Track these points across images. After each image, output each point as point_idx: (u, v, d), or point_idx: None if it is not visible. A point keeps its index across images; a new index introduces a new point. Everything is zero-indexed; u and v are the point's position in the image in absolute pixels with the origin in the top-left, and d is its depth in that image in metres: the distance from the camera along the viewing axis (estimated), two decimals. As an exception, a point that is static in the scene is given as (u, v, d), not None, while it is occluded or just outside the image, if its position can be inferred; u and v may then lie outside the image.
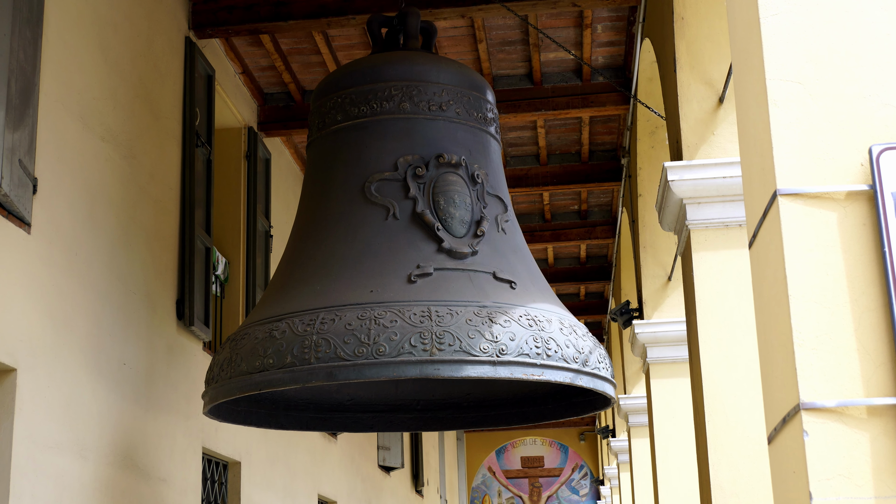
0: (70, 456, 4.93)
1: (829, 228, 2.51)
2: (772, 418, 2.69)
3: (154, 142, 6.10)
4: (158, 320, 6.01)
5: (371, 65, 4.90)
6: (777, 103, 2.58)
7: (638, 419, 10.32)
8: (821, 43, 2.60)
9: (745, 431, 4.79)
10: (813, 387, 2.44)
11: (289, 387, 4.18)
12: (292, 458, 8.51)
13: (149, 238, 5.94)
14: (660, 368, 7.64)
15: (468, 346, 4.07)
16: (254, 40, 7.38)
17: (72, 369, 4.99)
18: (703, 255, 5.05)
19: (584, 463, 23.14)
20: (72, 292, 5.04)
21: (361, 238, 4.52)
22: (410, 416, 5.53)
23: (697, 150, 5.22)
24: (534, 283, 4.65)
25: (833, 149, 2.54)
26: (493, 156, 4.96)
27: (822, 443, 2.40)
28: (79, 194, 5.17)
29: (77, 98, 5.20)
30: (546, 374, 4.22)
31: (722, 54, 5.27)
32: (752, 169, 2.80)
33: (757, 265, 2.79)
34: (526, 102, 7.95)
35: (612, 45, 7.64)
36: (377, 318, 4.11)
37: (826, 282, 2.49)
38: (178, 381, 6.22)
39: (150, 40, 6.15)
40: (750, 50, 2.74)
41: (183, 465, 6.21)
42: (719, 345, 4.94)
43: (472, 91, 4.93)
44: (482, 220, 4.62)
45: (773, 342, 2.65)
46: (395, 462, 12.71)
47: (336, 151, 4.83)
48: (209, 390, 4.49)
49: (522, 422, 5.40)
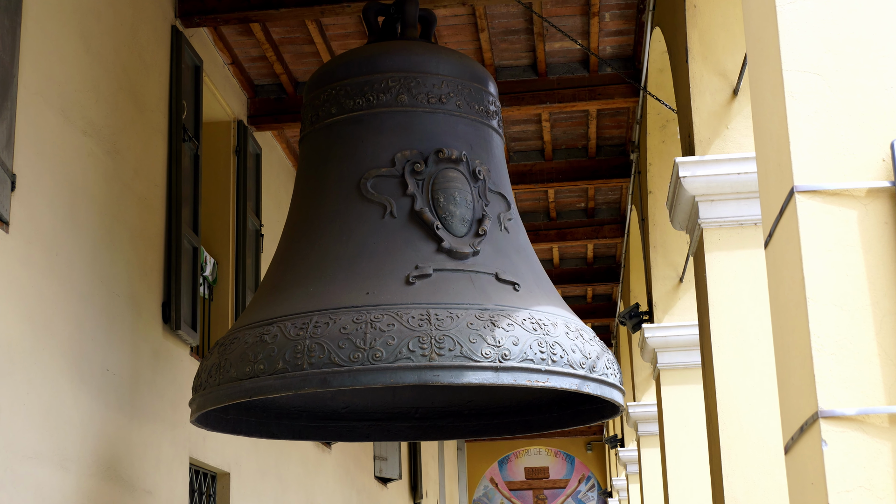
0: (50, 467, 4.93)
1: (848, 227, 2.51)
2: (789, 427, 2.69)
3: (139, 136, 6.10)
4: (143, 324, 6.02)
5: (367, 55, 4.90)
6: (794, 95, 2.58)
7: (648, 428, 10.32)
8: (840, 32, 2.60)
9: (760, 441, 4.79)
10: (832, 394, 2.44)
11: (280, 394, 4.18)
12: (284, 469, 8.51)
13: (133, 237, 5.94)
14: (671, 375, 7.64)
15: (469, 351, 4.07)
16: (244, 29, 7.38)
17: (52, 375, 4.99)
18: (716, 255, 5.05)
19: (591, 474, 23.14)
20: (52, 294, 5.04)
21: (357, 237, 4.52)
22: (408, 425, 5.53)
23: (710, 145, 5.23)
24: (538, 284, 4.65)
25: (853, 143, 2.54)
26: (496, 151, 4.96)
27: (842, 453, 2.40)
28: (59, 191, 5.17)
29: (58, 90, 5.20)
30: (551, 381, 4.22)
31: (736, 44, 5.26)
32: (767, 165, 2.80)
33: (773, 266, 2.79)
34: (530, 95, 7.95)
35: (620, 34, 7.64)
36: (373, 322, 4.11)
37: (846, 283, 2.49)
38: (164, 388, 6.22)
39: (135, 29, 6.15)
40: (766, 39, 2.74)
41: (169, 476, 6.21)
42: (733, 350, 4.94)
43: (474, 83, 4.93)
44: (484, 219, 4.62)
45: (790, 347, 2.65)
46: (392, 473, 12.70)
47: (330, 146, 4.83)
48: (197, 398, 4.49)
49: (526, 431, 5.40)
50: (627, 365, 12.29)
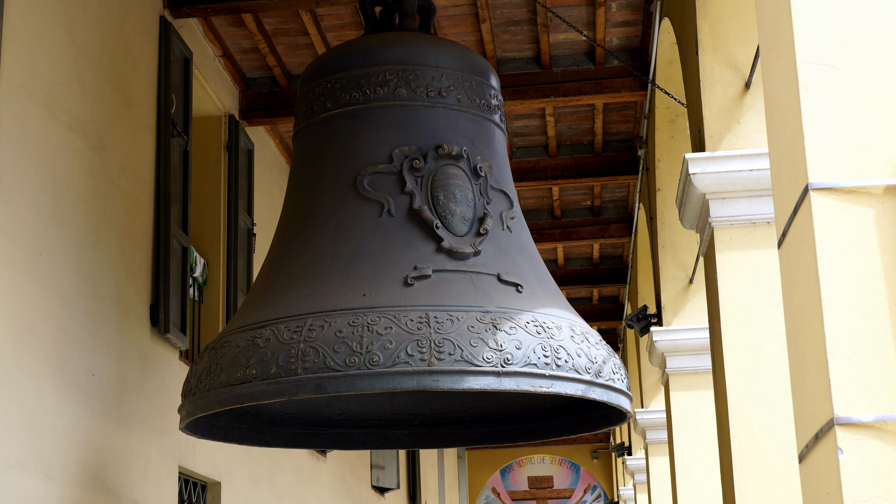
0: (33, 476, 4.93)
1: (865, 226, 2.51)
2: (803, 435, 2.69)
3: (126, 131, 6.10)
4: (130, 327, 6.02)
5: (364, 47, 4.91)
6: (809, 89, 2.58)
7: (656, 435, 10.33)
8: (857, 22, 2.60)
9: (773, 449, 4.79)
10: (848, 400, 2.44)
11: (273, 400, 4.18)
12: (277, 478, 8.51)
13: (120, 237, 5.95)
14: (680, 380, 7.64)
15: (470, 356, 4.08)
16: (235, 20, 7.38)
17: (35, 381, 4.99)
18: (727, 255, 5.05)
19: (597, 483, 23.15)
20: (35, 296, 5.04)
21: (353, 237, 4.52)
22: (407, 433, 5.53)
23: (721, 141, 5.23)
24: (542, 286, 4.65)
25: (870, 139, 2.54)
26: (498, 146, 4.97)
27: (859, 461, 2.40)
28: (43, 189, 5.17)
29: (41, 83, 5.20)
30: (555, 386, 4.22)
31: (748, 35, 5.27)
32: (781, 161, 2.80)
33: (787, 266, 2.79)
34: (533, 88, 7.95)
35: (627, 25, 7.64)
36: (370, 325, 4.12)
37: (863, 285, 2.49)
38: (152, 394, 6.22)
39: (122, 20, 6.15)
40: (779, 30, 2.74)
41: (157, 485, 6.21)
42: (746, 354, 4.95)
43: (475, 75, 4.93)
44: (485, 218, 4.62)
45: (804, 351, 2.65)
46: (390, 482, 12.71)
47: (325, 142, 4.83)
48: (186, 403, 4.49)
49: (530, 438, 5.40)
50: (635, 370, 12.29)
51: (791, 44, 2.62)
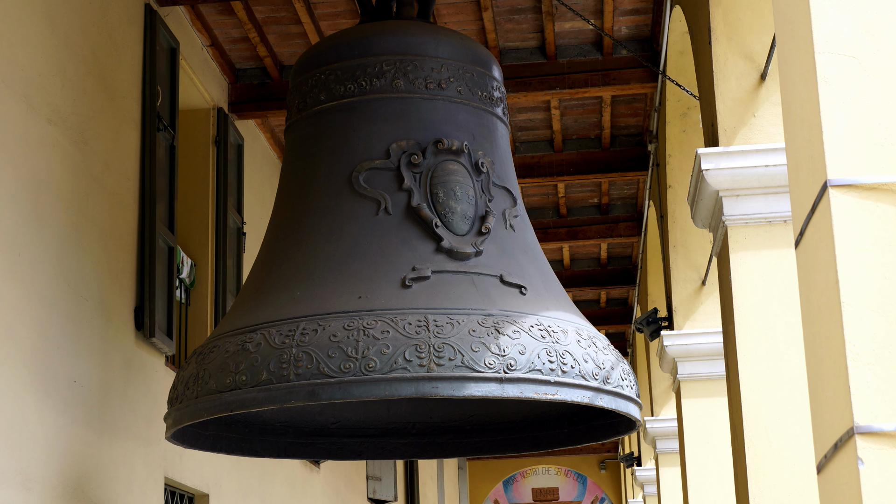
0: (12, 487, 4.93)
1: (887, 224, 2.51)
2: (821, 444, 2.70)
3: (109, 125, 6.11)
4: (114, 331, 6.02)
5: (360, 36, 4.91)
6: (828, 80, 2.58)
7: (667, 445, 10.34)
8: (878, 11, 2.60)
9: (790, 459, 4.80)
10: (869, 408, 2.44)
11: (264, 407, 4.18)
12: (268, 489, 8.51)
13: (103, 236, 5.95)
14: (692, 386, 7.65)
15: (471, 361, 4.08)
16: (224, 8, 7.39)
17: (14, 387, 4.99)
18: (742, 255, 5.05)
19: (604, 495, 23.16)
20: (14, 299, 5.04)
21: (348, 236, 4.53)
22: (404, 442, 5.54)
23: (736, 135, 5.23)
24: (547, 287, 4.65)
25: (892, 133, 2.55)
26: (501, 141, 4.97)
27: (880, 472, 2.41)
28: (22, 185, 5.17)
29: (20, 75, 5.21)
30: (561, 393, 4.23)
31: (764, 24, 5.27)
32: (798, 156, 2.80)
33: (804, 267, 2.79)
34: (538, 79, 7.95)
35: (637, 13, 7.65)
36: (366, 329, 4.12)
37: (884, 286, 2.49)
38: (136, 402, 6.22)
39: (105, 8, 6.15)
40: (796, 18, 2.74)
41: (142, 497, 6.21)
42: (761, 359, 4.95)
43: (476, 66, 4.94)
44: (487, 216, 4.63)
45: (822, 356, 2.65)
46: (386, 494, 12.71)
47: (319, 136, 4.84)
48: (172, 411, 4.49)
49: (534, 448, 5.40)
50: (645, 376, 12.30)
51: (809, 33, 2.63)
